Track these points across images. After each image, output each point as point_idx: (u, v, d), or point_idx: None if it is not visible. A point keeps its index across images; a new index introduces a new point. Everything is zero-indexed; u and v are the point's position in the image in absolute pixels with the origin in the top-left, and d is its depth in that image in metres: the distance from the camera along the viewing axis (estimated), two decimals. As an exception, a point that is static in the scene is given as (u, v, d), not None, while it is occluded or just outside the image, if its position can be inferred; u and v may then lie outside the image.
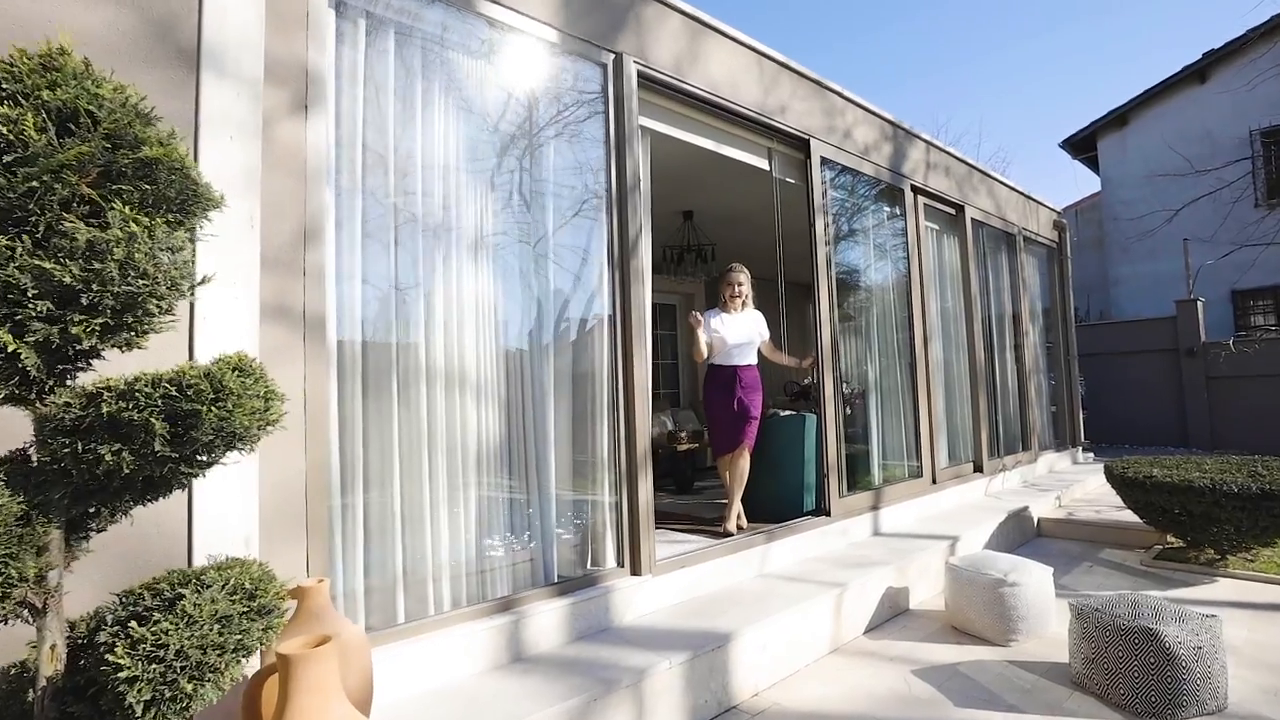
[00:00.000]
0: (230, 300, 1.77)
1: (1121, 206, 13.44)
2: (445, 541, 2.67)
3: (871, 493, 4.61)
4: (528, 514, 2.98)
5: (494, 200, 2.96)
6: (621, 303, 3.21)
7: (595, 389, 3.20)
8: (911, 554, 4.02)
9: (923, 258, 5.50)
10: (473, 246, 2.86)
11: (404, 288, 2.70)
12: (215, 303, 1.74)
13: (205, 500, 1.69)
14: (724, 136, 4.04)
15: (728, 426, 4.19)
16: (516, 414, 2.98)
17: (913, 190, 5.44)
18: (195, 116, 1.74)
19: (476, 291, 2.86)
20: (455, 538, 2.71)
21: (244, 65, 1.83)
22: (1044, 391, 7.77)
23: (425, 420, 2.67)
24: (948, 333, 6.01)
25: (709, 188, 5.85)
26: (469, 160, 2.89)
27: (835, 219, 4.79)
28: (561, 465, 3.11)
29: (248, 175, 1.81)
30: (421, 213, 2.73)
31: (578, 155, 3.22)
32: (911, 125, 5.43)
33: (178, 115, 1.73)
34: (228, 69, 1.80)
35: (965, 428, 6.04)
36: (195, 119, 1.74)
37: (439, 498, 2.68)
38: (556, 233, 3.13)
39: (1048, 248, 8.03)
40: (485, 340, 2.88)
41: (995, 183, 6.74)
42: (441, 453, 2.70)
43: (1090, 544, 5.19)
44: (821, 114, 4.52)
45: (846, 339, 5.08)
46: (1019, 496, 5.86)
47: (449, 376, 2.75)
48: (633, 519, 3.14)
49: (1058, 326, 8.21)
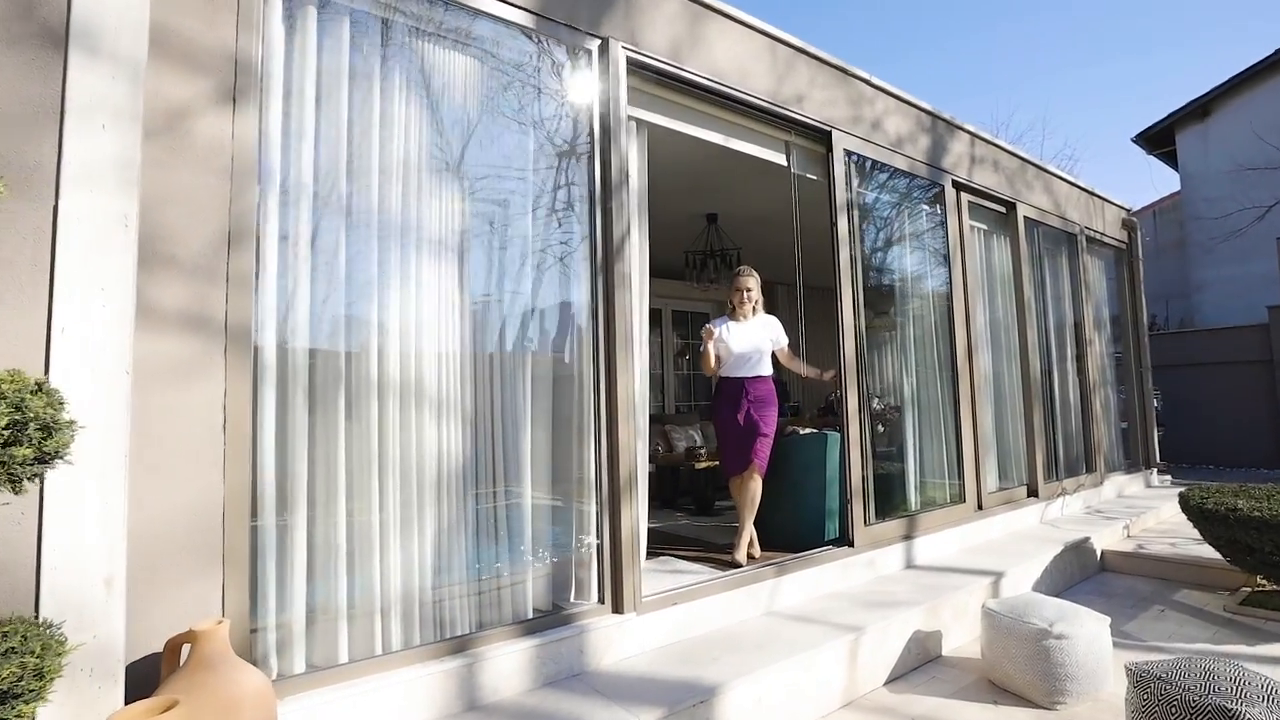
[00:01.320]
0: (98, 309, 1.56)
1: (1204, 204, 12.34)
2: (395, 573, 2.42)
3: (904, 520, 4.15)
4: (495, 543, 2.71)
5: (461, 199, 2.71)
6: (605, 310, 2.91)
7: (575, 405, 2.91)
8: (946, 592, 3.56)
9: (966, 260, 5.00)
10: (436, 250, 2.62)
11: (356, 295, 2.48)
12: (77, 312, 1.53)
13: (53, 537, 1.47)
14: (734, 129, 3.71)
15: (736, 444, 3.83)
16: (484, 432, 2.71)
17: (954, 186, 4.96)
18: (61, 102, 1.54)
19: (439, 298, 2.62)
20: (408, 569, 2.45)
21: (122, 44, 1.63)
22: (1112, 407, 7.06)
23: (376, 438, 2.43)
24: (998, 342, 5.47)
25: (732, 189, 5.51)
26: (433, 156, 2.65)
27: (864, 218, 4.38)
28: (538, 488, 2.82)
29: (122, 168, 1.61)
30: (377, 213, 2.50)
31: (558, 149, 2.95)
32: (954, 116, 4.96)
33: (40, 100, 1.53)
34: (102, 48, 1.60)
35: (1017, 447, 5.47)
36: (61, 105, 1.54)
37: (390, 524, 2.43)
38: (532, 234, 2.87)
39: (1115, 249, 7.32)
40: (449, 351, 2.63)
41: (1052, 178, 6.15)
42: (394, 474, 2.46)
43: (1163, 583, 4.57)
44: (846, 103, 4.13)
45: (881, 349, 4.65)
46: (1080, 525, 5.26)
47: (405, 391, 2.51)
48: (615, 550, 2.82)
49: (1128, 335, 7.47)
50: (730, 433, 3.85)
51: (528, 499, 2.78)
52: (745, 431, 3.81)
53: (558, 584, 2.86)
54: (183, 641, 1.76)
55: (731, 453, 3.87)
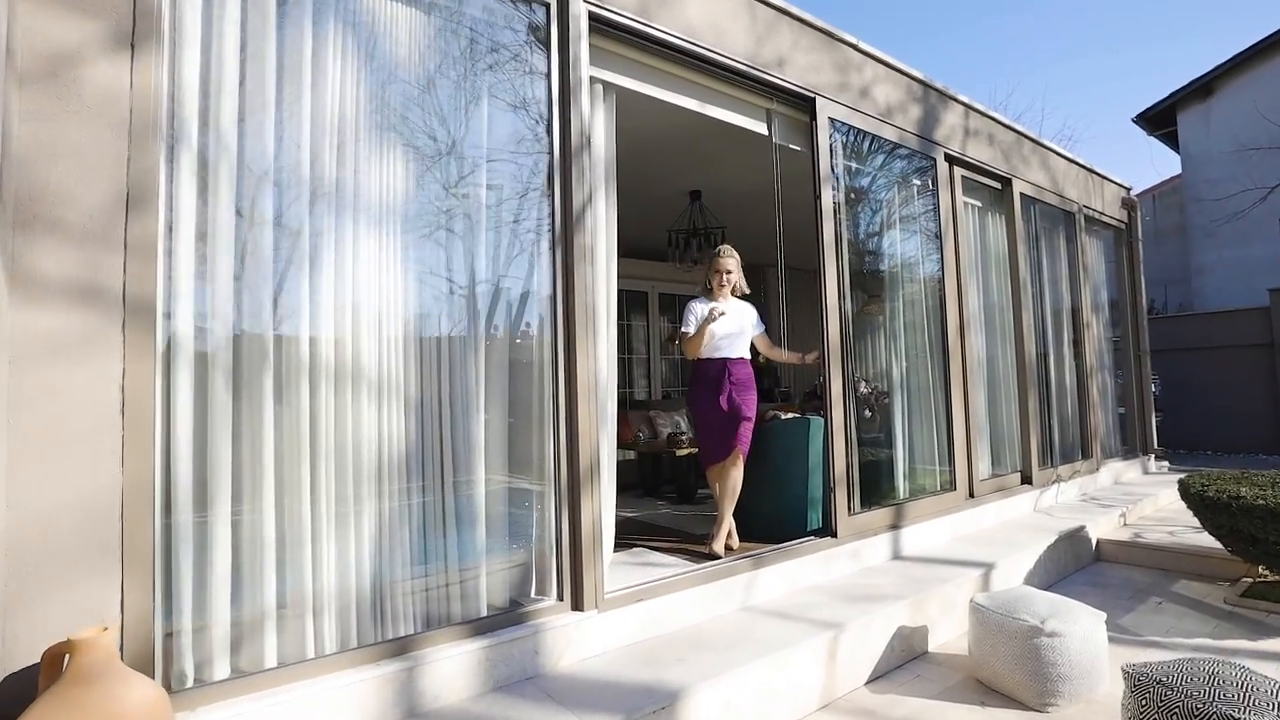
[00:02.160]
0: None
1: (1205, 186, 12.10)
2: (330, 569, 2.22)
3: (890, 509, 3.96)
4: (443, 537, 2.51)
5: (405, 164, 2.49)
6: (564, 285, 2.69)
7: (533, 389, 2.70)
8: (932, 585, 3.38)
9: (959, 238, 4.78)
10: (377, 220, 2.41)
11: (286, 268, 2.27)
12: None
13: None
14: (710, 95, 3.47)
15: (717, 430, 3.63)
16: (431, 418, 2.51)
17: (947, 160, 4.73)
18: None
19: (381, 273, 2.41)
20: (344, 565, 2.26)
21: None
22: (1110, 392, 6.87)
23: (308, 425, 2.23)
24: (992, 324, 5.26)
25: (716, 164, 5.28)
26: (373, 115, 2.43)
27: (851, 192, 4.16)
28: (492, 478, 2.62)
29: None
30: (309, 178, 2.28)
31: (513, 110, 2.73)
32: (947, 86, 4.72)
33: None
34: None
35: (1011, 433, 5.28)
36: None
37: (324, 516, 2.23)
38: (486, 203, 2.65)
39: (1115, 229, 7.10)
40: (392, 331, 2.42)
41: (1050, 153, 5.92)
42: (329, 463, 2.26)
43: (1161, 573, 4.40)
44: (831, 69, 3.89)
45: (869, 331, 4.44)
46: (1075, 513, 5.08)
47: (342, 374, 2.30)
48: (575, 544, 2.63)
49: (1126, 318, 7.26)
50: (712, 418, 3.65)
51: (480, 490, 2.58)
52: (728, 416, 3.61)
53: (515, 580, 2.67)
54: (62, 652, 1.56)
55: (713, 439, 3.67)
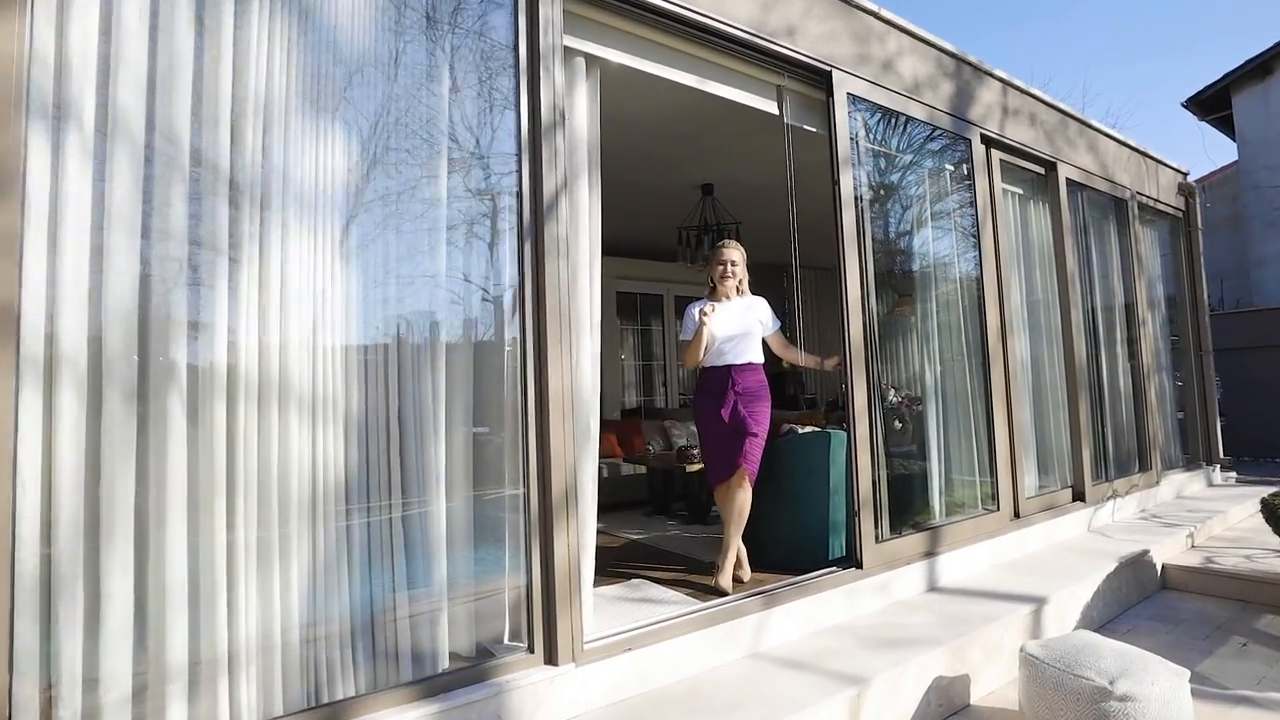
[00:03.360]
0: None
1: (1265, 173, 11.27)
2: (251, 619, 1.88)
3: (924, 534, 3.50)
4: (390, 578, 2.15)
5: (345, 146, 2.15)
6: (534, 286, 2.32)
7: (498, 405, 2.34)
8: (975, 625, 2.92)
9: (999, 228, 4.30)
10: (309, 210, 2.07)
11: (197, 268, 1.94)
12: None
13: None
14: (710, 69, 3.08)
15: (721, 445, 3.22)
16: (378, 439, 2.15)
17: (984, 142, 4.26)
18: None
19: (315, 272, 2.07)
20: (267, 612, 1.91)
21: None
22: (1168, 396, 6.26)
23: (224, 448, 1.89)
24: (1036, 323, 4.76)
25: (729, 154, 4.88)
26: (306, 89, 2.09)
27: (876, 177, 3.72)
28: (454, 509, 2.26)
29: None
30: (228, 163, 1.95)
31: (476, 83, 2.37)
32: (981, 60, 4.26)
33: None
34: None
35: (1060, 444, 4.76)
36: None
37: (241, 555, 1.89)
38: (446, 191, 2.29)
39: (1171, 218, 6.50)
40: (329, 339, 2.08)
41: (1099, 135, 5.38)
42: (250, 492, 1.92)
43: (1239, 605, 3.84)
44: (849, 39, 3.47)
45: (898, 334, 3.99)
46: (1135, 534, 4.54)
47: (267, 389, 1.96)
48: (547, 585, 2.25)
49: (1186, 315, 6.64)
50: (714, 432, 3.25)
51: (438, 523, 2.21)
52: (731, 430, 3.20)
53: (484, 626, 2.30)
54: None
55: (716, 456, 3.27)
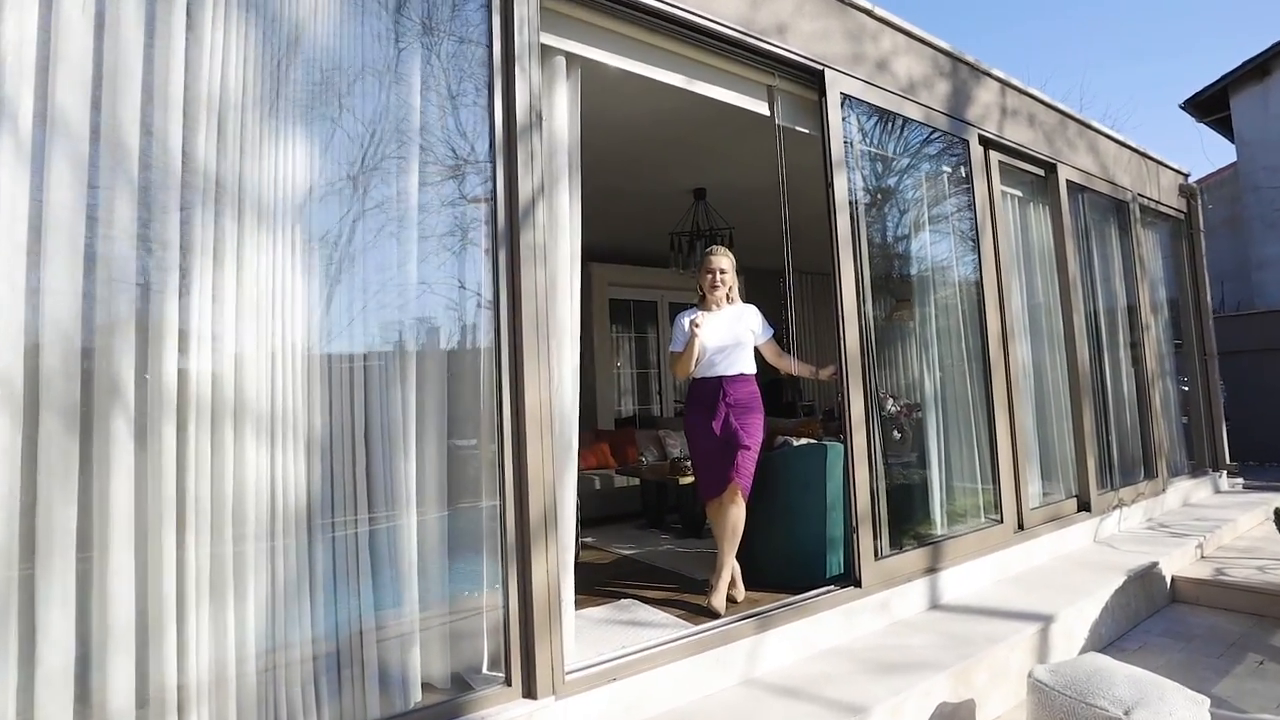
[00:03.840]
0: None
1: (1264, 173, 11.19)
2: (203, 654, 1.75)
3: (925, 550, 3.37)
4: (358, 606, 2.02)
5: (308, 147, 2.03)
6: (509, 295, 2.20)
7: (471, 422, 2.21)
8: (979, 646, 2.79)
9: (998, 231, 4.18)
10: (267, 216, 1.95)
11: (149, 277, 1.81)
12: None
13: None
14: (698, 69, 2.97)
15: (712, 459, 3.09)
16: (343, 460, 2.03)
17: (982, 143, 4.15)
18: None
19: (274, 282, 1.94)
20: (221, 647, 1.78)
21: None
22: (1172, 401, 6.14)
23: (174, 472, 1.76)
24: (1038, 329, 4.63)
25: (722, 157, 4.77)
26: (266, 89, 1.97)
27: (870, 180, 3.61)
28: (425, 531, 2.13)
29: None
30: (181, 165, 1.83)
31: (445, 83, 2.25)
32: (978, 59, 4.15)
33: None
34: None
35: (1064, 452, 4.63)
36: None
37: (192, 586, 1.76)
38: (417, 194, 2.17)
39: (1173, 220, 6.39)
40: (289, 355, 1.95)
41: (1099, 136, 5.28)
42: (201, 519, 1.78)
43: (1254, 619, 3.71)
44: (843, 38, 3.36)
45: (896, 340, 3.87)
46: (1142, 544, 4.40)
47: (221, 408, 1.83)
48: (525, 613, 2.12)
49: (1189, 318, 6.52)
50: (704, 445, 3.12)
51: (411, 546, 2.09)
52: (723, 444, 3.07)
53: (460, 653, 2.17)
54: None
55: (707, 470, 3.13)
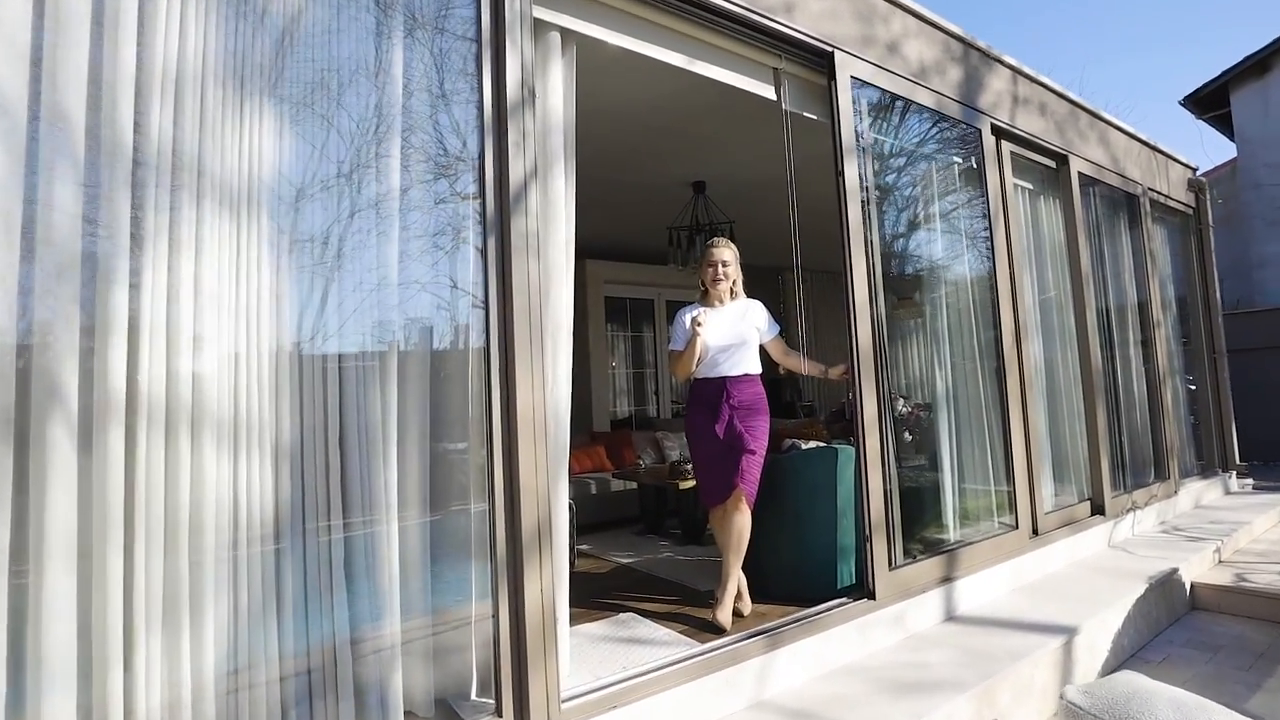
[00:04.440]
0: None
1: (1265, 170, 11.11)
2: (153, 688, 1.56)
3: (940, 558, 3.20)
4: (330, 628, 1.83)
5: (276, 125, 1.84)
6: (500, 288, 2.01)
7: (458, 427, 2.02)
8: (1001, 662, 2.62)
9: (1011, 224, 4.02)
10: (230, 201, 1.76)
11: (96, 269, 1.62)
12: None
13: None
14: (700, 48, 2.79)
15: (716, 464, 2.91)
16: (315, 469, 1.84)
17: (995, 133, 3.98)
18: None
19: (238, 274, 1.75)
20: (174, 680, 1.59)
21: None
22: (1182, 400, 6.00)
23: (122, 485, 1.57)
24: (1049, 326, 4.47)
25: (723, 148, 4.59)
26: (229, 60, 1.78)
27: (880, 169, 3.43)
28: (409, 546, 1.95)
29: None
30: (133, 143, 1.64)
31: (429, 56, 2.07)
32: (990, 45, 3.98)
33: None
34: None
35: (1077, 454, 4.47)
36: None
37: (140, 614, 1.57)
38: (398, 179, 1.98)
39: (1182, 214, 6.25)
40: (255, 354, 1.76)
41: (1108, 127, 5.12)
42: (152, 537, 1.59)
43: (1278, 628, 3.56)
44: (852, 18, 3.18)
45: (902, 338, 3.70)
46: (1158, 549, 4.25)
47: (177, 412, 1.64)
48: (517, 637, 1.93)
49: (1198, 315, 6.39)
50: (707, 450, 2.94)
51: (393, 562, 1.90)
52: (727, 448, 2.89)
53: (446, 677, 1.98)
54: None
55: (710, 476, 2.95)
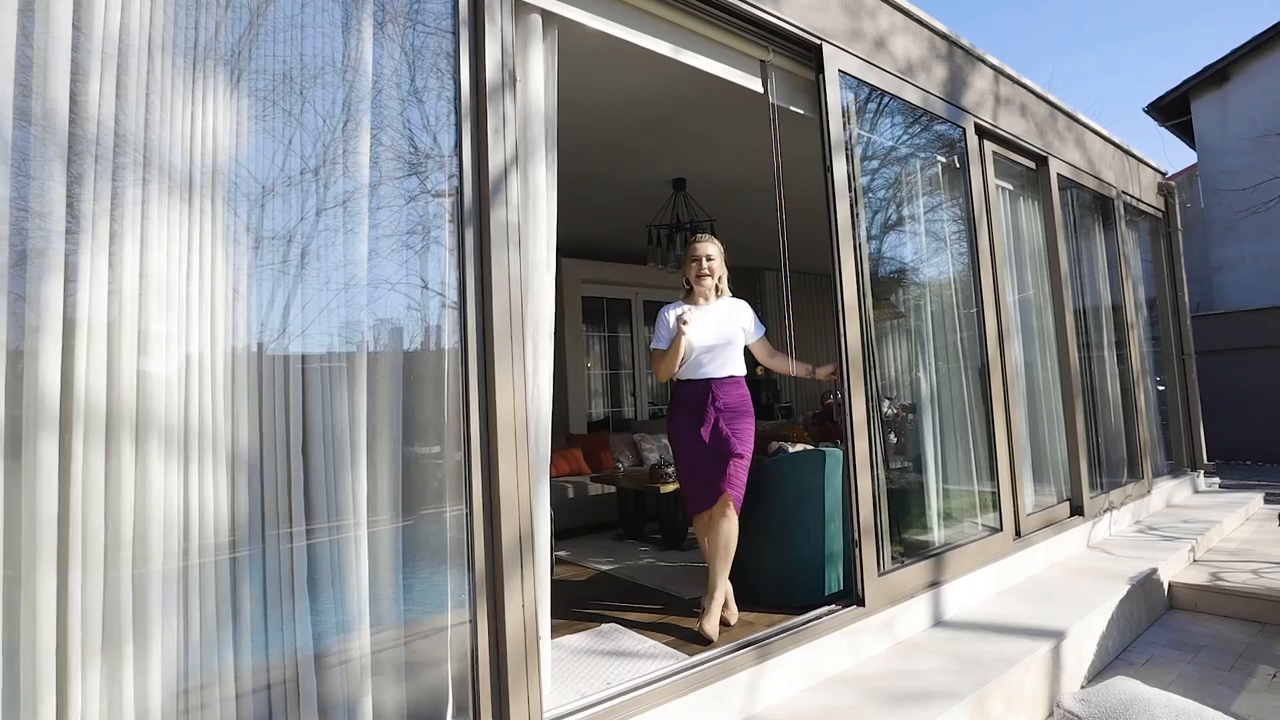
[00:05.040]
0: None
1: (1224, 177, 11.41)
2: (82, 706, 1.40)
3: (928, 562, 3.14)
4: (292, 647, 1.69)
5: (232, 104, 1.69)
6: (478, 283, 1.89)
7: (433, 433, 1.89)
8: (992, 668, 2.56)
9: (993, 225, 4.00)
10: (182, 187, 1.61)
11: (24, 261, 1.46)
12: None
13: None
14: (685, 36, 2.69)
15: (701, 469, 2.81)
16: (277, 473, 1.69)
17: (978, 132, 3.95)
18: None
19: (188, 267, 1.60)
20: (114, 695, 1.44)
21: None
22: (1153, 400, 6.08)
23: (55, 500, 1.41)
24: (1029, 327, 4.47)
25: (704, 145, 4.50)
26: (181, 31, 1.63)
27: (867, 166, 3.37)
28: (378, 559, 1.81)
29: None
30: (66, 123, 1.48)
31: (403, 32, 1.93)
32: (973, 44, 3.96)
33: None
34: None
35: (1057, 455, 4.48)
36: None
37: (75, 642, 1.41)
38: (368, 167, 1.84)
39: (1152, 218, 6.34)
40: (207, 353, 1.61)
41: (1085, 130, 5.16)
42: (90, 555, 1.44)
43: (1256, 627, 3.58)
44: (840, 11, 3.12)
45: (884, 338, 3.65)
46: (1135, 549, 4.27)
47: (118, 419, 1.48)
48: (497, 651, 1.81)
49: (1167, 318, 6.49)
50: (692, 454, 2.84)
51: (360, 572, 1.76)
52: (713, 452, 2.80)
53: (419, 703, 1.85)
54: None
55: (695, 482, 2.85)
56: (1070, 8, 41.51)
